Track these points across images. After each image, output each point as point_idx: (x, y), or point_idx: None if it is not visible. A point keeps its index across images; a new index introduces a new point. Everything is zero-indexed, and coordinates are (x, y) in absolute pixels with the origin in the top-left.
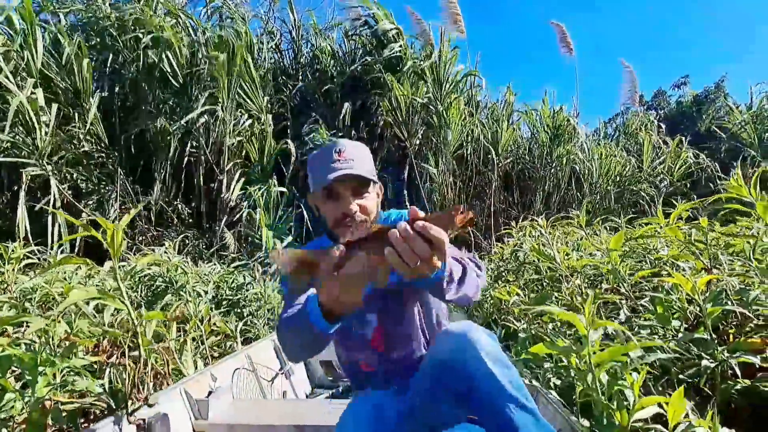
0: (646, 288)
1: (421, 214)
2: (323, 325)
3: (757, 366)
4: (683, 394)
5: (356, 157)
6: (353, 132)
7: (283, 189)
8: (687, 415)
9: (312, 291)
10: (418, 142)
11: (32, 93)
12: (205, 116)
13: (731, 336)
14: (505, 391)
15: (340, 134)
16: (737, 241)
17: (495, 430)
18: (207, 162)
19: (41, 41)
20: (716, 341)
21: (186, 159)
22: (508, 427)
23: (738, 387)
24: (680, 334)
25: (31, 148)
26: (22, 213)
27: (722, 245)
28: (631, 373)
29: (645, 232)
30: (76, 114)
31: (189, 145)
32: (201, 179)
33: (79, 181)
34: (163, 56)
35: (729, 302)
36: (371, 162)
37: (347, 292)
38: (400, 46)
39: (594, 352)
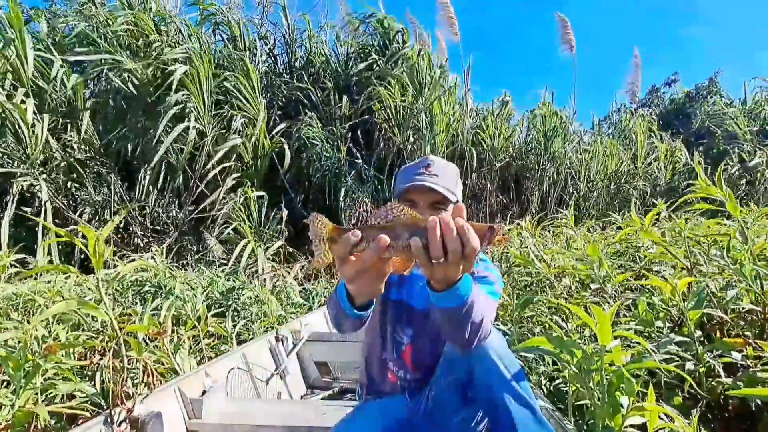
0: (633, 288)
1: (464, 214)
2: (347, 308)
3: (740, 364)
4: (673, 396)
5: (441, 174)
6: (350, 134)
7: (261, 193)
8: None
9: None
10: (410, 143)
11: (23, 102)
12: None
13: (717, 333)
14: (506, 384)
15: (336, 135)
16: (723, 238)
17: (493, 421)
18: (185, 171)
19: (31, 50)
20: (700, 340)
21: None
22: (505, 418)
23: (722, 387)
24: (663, 337)
25: (22, 157)
26: (5, 223)
27: (710, 242)
28: (630, 379)
29: (625, 234)
30: (69, 123)
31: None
32: (180, 187)
33: (74, 189)
34: (126, 76)
35: (713, 301)
36: (457, 183)
37: (360, 278)
38: (409, 47)
39: (611, 363)
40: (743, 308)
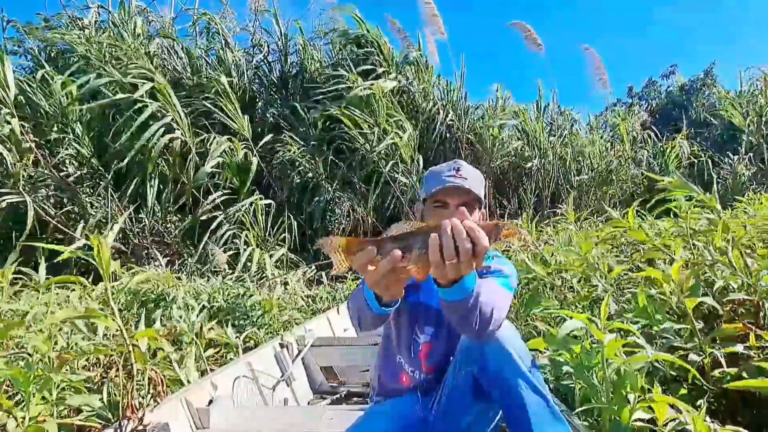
0: (632, 282)
1: (470, 217)
2: (374, 305)
3: (742, 354)
4: (678, 388)
5: (471, 177)
6: (332, 146)
7: (269, 201)
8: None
9: None
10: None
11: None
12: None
13: (722, 322)
14: (520, 373)
15: (311, 147)
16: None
17: (507, 411)
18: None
19: (11, 72)
20: (704, 331)
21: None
22: (519, 407)
23: (727, 378)
24: (664, 325)
25: (7, 176)
26: None
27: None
28: (632, 373)
29: (609, 234)
30: (64, 137)
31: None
32: (169, 200)
33: (71, 204)
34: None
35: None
36: (483, 188)
37: (380, 284)
38: (379, 63)
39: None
40: (739, 299)
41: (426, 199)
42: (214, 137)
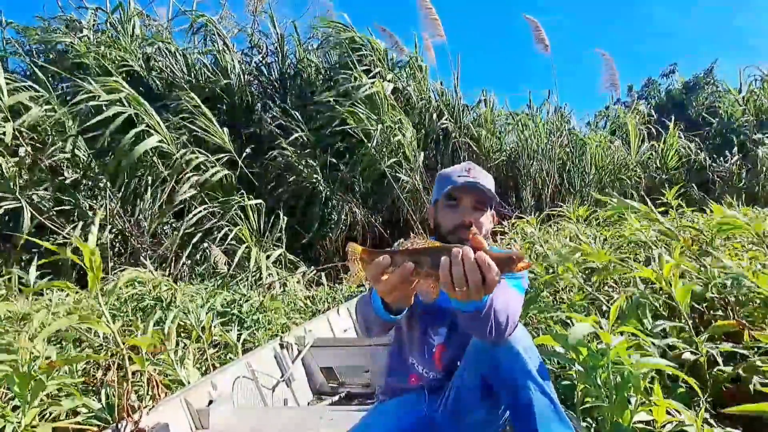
0: (629, 282)
1: (485, 245)
2: (382, 312)
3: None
4: (676, 388)
5: (481, 178)
6: (329, 150)
7: (259, 201)
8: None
9: None
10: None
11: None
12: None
13: (716, 319)
14: (529, 375)
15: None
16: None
17: (514, 411)
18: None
19: (2, 75)
20: (696, 327)
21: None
22: (526, 406)
23: (724, 377)
24: (658, 321)
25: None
26: None
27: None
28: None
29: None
30: (61, 142)
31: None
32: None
33: (69, 207)
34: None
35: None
36: (493, 188)
37: (390, 295)
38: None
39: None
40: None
41: (437, 200)
42: (192, 150)
